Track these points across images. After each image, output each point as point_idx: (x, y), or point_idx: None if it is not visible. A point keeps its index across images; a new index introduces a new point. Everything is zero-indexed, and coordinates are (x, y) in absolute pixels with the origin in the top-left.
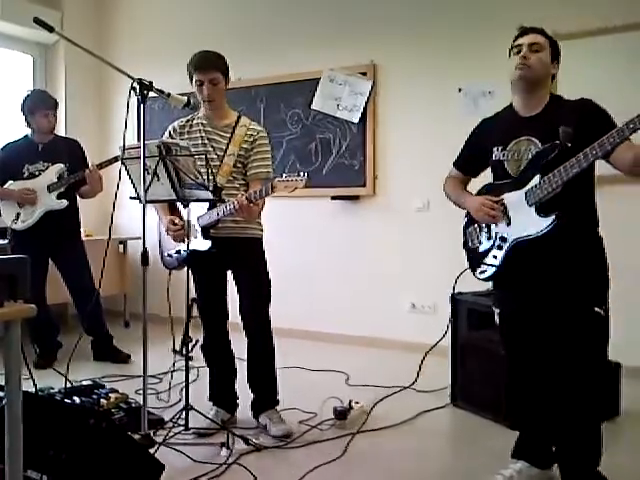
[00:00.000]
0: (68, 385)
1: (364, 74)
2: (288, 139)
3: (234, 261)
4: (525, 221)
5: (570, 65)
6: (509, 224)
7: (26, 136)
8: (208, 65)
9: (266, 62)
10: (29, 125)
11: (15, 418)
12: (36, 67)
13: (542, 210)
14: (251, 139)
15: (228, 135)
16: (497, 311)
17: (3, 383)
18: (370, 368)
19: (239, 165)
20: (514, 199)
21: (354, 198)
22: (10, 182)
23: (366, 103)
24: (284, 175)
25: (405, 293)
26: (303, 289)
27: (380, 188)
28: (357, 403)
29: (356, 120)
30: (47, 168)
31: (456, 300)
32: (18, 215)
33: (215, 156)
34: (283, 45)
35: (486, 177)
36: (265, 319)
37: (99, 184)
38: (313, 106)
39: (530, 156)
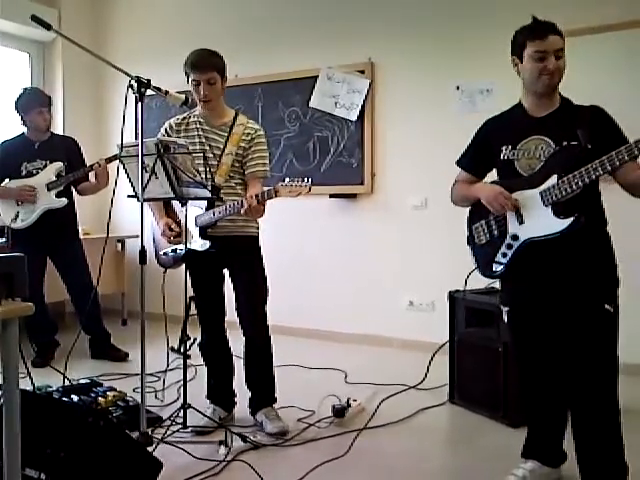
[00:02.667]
0: (66, 383)
1: (362, 72)
2: (286, 137)
3: (231, 259)
4: (541, 221)
5: (568, 63)
6: (521, 223)
7: (23, 134)
8: (205, 65)
9: (264, 60)
10: (24, 123)
11: (13, 416)
12: (33, 65)
13: (560, 211)
14: (249, 138)
15: (225, 134)
16: (505, 309)
17: (1, 381)
18: (368, 366)
19: (237, 164)
20: (527, 198)
21: (352, 196)
22: (7, 181)
23: (364, 101)
24: (287, 180)
25: (403, 291)
26: (301, 287)
27: (378, 186)
28: (355, 401)
29: (354, 118)
30: (45, 166)
31: (454, 298)
32: (17, 214)
33: (212, 155)
34: (281, 43)
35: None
36: (262, 317)
37: (106, 179)
38: (311, 104)
39: (543, 155)
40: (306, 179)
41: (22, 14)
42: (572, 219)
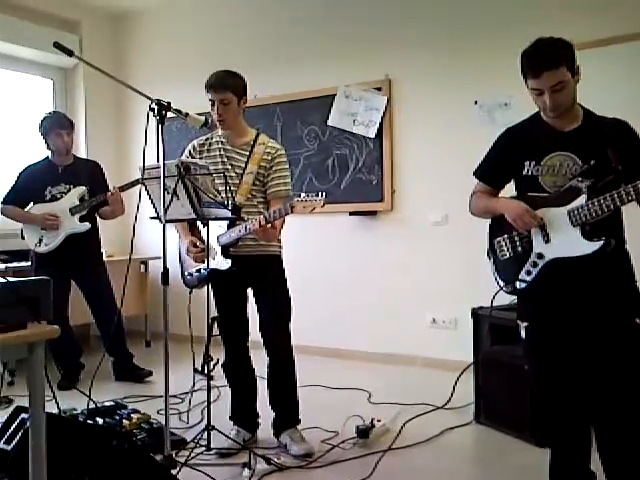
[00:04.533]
0: (91, 405)
1: (379, 89)
2: (305, 155)
3: (254, 279)
4: (568, 241)
5: (583, 74)
6: (547, 241)
7: (47, 158)
8: (219, 85)
9: (282, 79)
10: (48, 147)
11: (39, 440)
12: (56, 90)
13: (588, 232)
14: (269, 157)
15: (247, 153)
16: (524, 324)
17: (27, 404)
18: (392, 385)
19: (258, 183)
20: (553, 216)
21: (372, 213)
22: (31, 205)
23: (382, 118)
24: (303, 195)
25: (425, 308)
26: (322, 306)
27: (398, 203)
28: (379, 421)
29: (372, 135)
30: (69, 190)
31: (477, 315)
32: (41, 239)
33: (234, 174)
34: (298, 62)
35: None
36: (286, 337)
37: (121, 206)
38: (329, 122)
39: (569, 172)
40: (321, 194)
41: (45, 41)
42: (602, 243)
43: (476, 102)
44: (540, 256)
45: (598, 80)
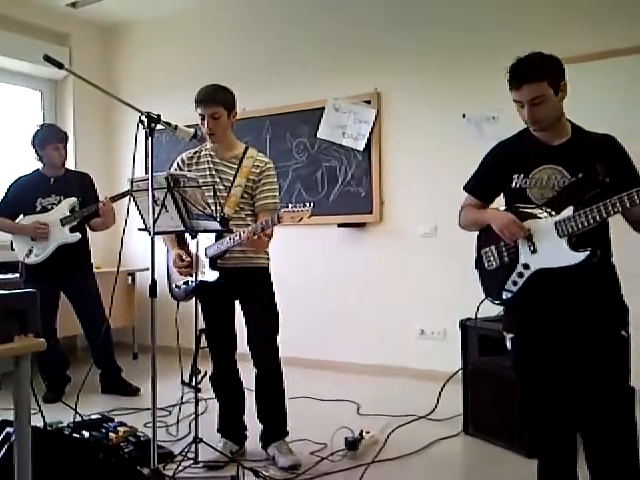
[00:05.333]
0: (78, 418)
1: (368, 102)
2: (294, 168)
3: (242, 291)
4: (554, 252)
5: (577, 89)
6: (534, 252)
7: (37, 170)
8: (209, 99)
9: (271, 93)
10: (40, 159)
11: (24, 454)
12: (45, 102)
13: (575, 243)
14: (258, 170)
15: (235, 167)
16: (509, 336)
17: (12, 418)
18: (381, 397)
19: (246, 196)
20: (540, 227)
21: (361, 225)
22: (21, 217)
23: (371, 131)
24: (290, 206)
25: (414, 320)
26: (311, 317)
27: (386, 214)
28: (368, 433)
29: (361, 148)
30: (59, 202)
31: (466, 326)
32: (31, 250)
33: (222, 187)
34: (288, 75)
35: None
36: (273, 350)
37: (112, 217)
38: (319, 135)
39: (557, 185)
40: (308, 204)
41: (34, 54)
42: (588, 253)
43: (464, 115)
44: (526, 266)
45: (597, 92)
